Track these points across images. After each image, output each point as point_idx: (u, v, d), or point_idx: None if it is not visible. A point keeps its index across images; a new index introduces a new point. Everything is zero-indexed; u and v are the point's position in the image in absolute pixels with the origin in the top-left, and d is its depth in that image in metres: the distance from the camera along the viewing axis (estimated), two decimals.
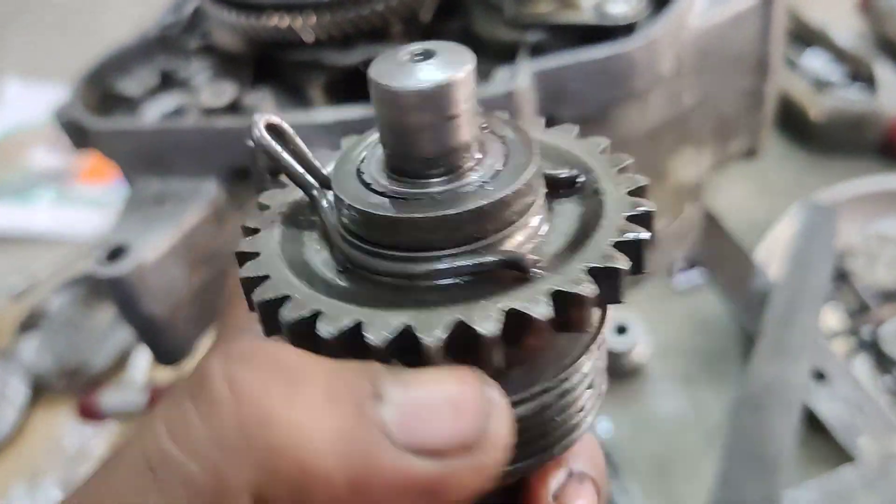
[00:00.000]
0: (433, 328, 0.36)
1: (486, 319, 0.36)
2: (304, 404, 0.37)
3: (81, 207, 2.28)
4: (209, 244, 0.92)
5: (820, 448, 1.33)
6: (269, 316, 0.40)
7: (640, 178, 0.44)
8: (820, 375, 0.95)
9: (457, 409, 0.37)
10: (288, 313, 0.39)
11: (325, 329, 0.37)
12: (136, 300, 0.86)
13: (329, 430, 0.36)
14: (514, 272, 0.39)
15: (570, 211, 0.44)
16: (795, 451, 0.91)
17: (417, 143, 0.40)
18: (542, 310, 0.36)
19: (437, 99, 0.39)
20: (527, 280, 0.39)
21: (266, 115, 0.43)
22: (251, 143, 0.42)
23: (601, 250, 0.39)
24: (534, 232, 0.42)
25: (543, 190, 0.43)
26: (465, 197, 0.40)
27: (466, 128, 0.41)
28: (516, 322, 0.36)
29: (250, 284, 0.41)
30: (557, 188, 0.44)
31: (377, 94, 0.40)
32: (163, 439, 0.38)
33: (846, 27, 2.04)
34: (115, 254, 0.86)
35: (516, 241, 0.41)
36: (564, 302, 0.37)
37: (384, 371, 0.37)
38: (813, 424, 0.98)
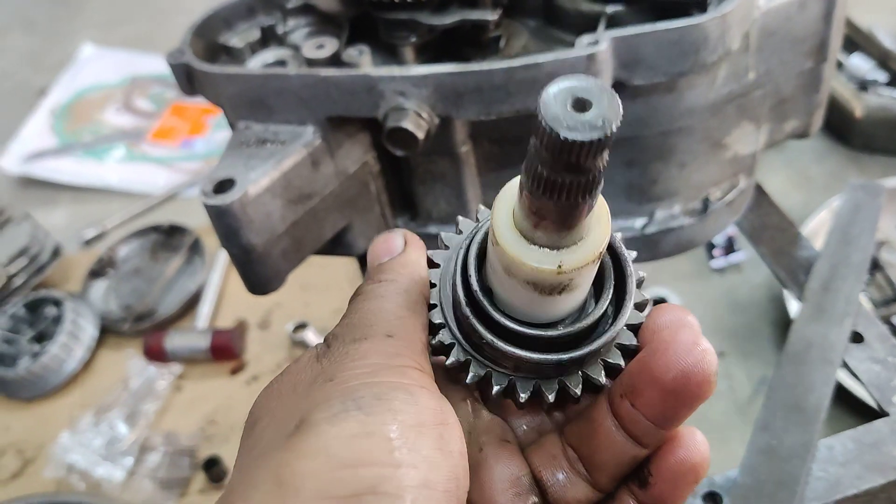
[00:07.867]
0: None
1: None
2: None
3: (148, 165, 2.37)
4: (304, 185, 0.98)
5: (855, 406, 1.38)
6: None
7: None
8: (858, 338, 1.00)
9: None
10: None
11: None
12: (238, 230, 0.94)
13: None
14: None
15: None
16: (832, 405, 0.96)
17: None
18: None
19: None
20: None
21: None
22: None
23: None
24: None
25: None
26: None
27: None
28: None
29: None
30: None
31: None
32: None
33: (891, 30, 2.09)
34: (221, 186, 0.93)
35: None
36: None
37: None
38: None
